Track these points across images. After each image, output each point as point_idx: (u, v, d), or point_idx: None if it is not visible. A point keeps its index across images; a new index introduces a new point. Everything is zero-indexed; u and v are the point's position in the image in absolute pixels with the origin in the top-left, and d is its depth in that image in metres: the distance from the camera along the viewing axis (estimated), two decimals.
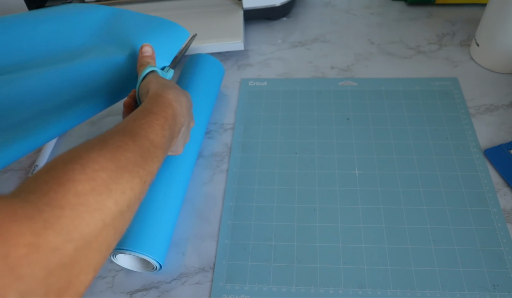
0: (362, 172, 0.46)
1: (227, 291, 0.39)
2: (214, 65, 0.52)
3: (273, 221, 0.43)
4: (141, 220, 0.38)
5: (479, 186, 0.43)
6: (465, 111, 0.50)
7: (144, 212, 0.39)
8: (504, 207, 0.42)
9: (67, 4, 0.48)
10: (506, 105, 0.51)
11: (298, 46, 0.61)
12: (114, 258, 0.39)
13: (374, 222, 0.42)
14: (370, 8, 0.66)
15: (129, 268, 0.40)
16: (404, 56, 0.58)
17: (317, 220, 0.42)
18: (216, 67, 0.52)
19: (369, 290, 0.38)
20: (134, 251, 0.37)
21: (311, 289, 0.38)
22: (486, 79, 0.54)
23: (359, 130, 0.50)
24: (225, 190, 0.46)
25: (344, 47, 0.60)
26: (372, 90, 0.54)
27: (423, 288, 0.37)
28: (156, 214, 0.39)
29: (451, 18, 0.63)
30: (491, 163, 0.45)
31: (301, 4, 0.68)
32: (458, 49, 0.58)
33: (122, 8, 0.64)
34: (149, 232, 0.38)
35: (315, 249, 0.41)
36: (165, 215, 0.40)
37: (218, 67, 0.53)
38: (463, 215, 0.42)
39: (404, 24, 0.63)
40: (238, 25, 0.59)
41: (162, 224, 0.39)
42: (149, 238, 0.38)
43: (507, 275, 0.38)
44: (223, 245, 0.42)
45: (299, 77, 0.57)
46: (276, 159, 0.48)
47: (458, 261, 0.39)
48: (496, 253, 0.39)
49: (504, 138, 0.47)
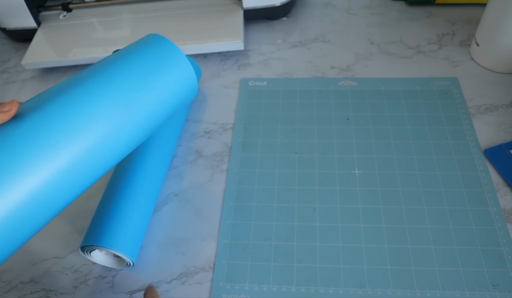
0: (362, 172, 0.46)
1: (227, 290, 0.39)
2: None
3: (273, 221, 0.43)
4: (108, 214, 0.39)
5: (479, 186, 0.44)
6: (465, 111, 0.50)
7: (111, 204, 0.39)
8: (504, 207, 0.42)
9: None
10: (506, 105, 0.51)
11: (298, 46, 0.61)
12: (88, 254, 0.39)
13: (374, 222, 0.42)
14: (370, 8, 0.66)
15: (104, 264, 0.40)
16: (404, 56, 0.58)
17: (317, 220, 0.42)
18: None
19: (369, 289, 0.38)
20: (104, 247, 0.37)
21: (311, 288, 0.38)
22: (486, 79, 0.54)
23: (359, 130, 0.50)
24: (225, 190, 0.46)
25: (344, 47, 0.60)
26: (372, 90, 0.54)
27: (423, 288, 0.37)
28: (123, 206, 0.39)
29: (451, 18, 0.63)
30: (491, 163, 0.45)
31: (301, 4, 0.68)
32: (458, 49, 0.58)
33: (122, 8, 0.65)
34: (116, 226, 0.38)
35: (315, 249, 0.41)
36: (133, 206, 0.40)
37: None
38: (463, 215, 0.42)
39: (404, 24, 0.63)
40: (238, 25, 0.59)
41: (132, 216, 0.39)
42: (116, 232, 0.38)
43: (507, 275, 0.38)
44: (223, 245, 0.42)
45: (299, 77, 0.57)
46: (276, 159, 0.48)
47: (458, 261, 0.39)
48: (496, 253, 0.39)
49: (504, 138, 0.47)
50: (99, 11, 0.65)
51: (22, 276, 0.41)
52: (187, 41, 0.58)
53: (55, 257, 0.42)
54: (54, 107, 0.30)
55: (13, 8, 0.60)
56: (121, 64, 0.34)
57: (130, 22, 0.62)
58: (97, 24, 0.63)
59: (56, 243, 0.43)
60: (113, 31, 0.61)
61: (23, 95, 0.59)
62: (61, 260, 0.42)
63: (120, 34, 0.61)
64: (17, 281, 0.41)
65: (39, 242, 0.44)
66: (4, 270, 0.42)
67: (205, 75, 0.58)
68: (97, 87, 0.32)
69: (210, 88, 0.57)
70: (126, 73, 0.33)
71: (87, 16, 0.64)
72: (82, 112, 0.30)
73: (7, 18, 0.61)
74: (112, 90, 0.32)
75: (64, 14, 0.65)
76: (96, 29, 0.62)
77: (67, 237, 0.44)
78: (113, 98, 0.32)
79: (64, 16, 0.65)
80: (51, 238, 0.44)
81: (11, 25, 0.62)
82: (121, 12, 0.64)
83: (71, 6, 0.65)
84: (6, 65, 0.64)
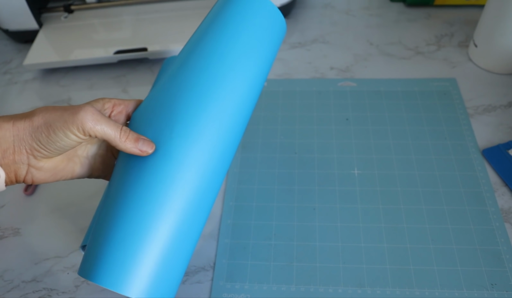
0: (361, 172, 0.46)
1: (227, 290, 0.39)
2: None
3: (273, 220, 0.43)
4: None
5: (477, 186, 0.44)
6: (464, 112, 0.51)
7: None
8: (502, 206, 0.42)
9: None
10: (504, 105, 0.51)
11: (298, 47, 0.62)
12: None
13: (373, 221, 0.42)
14: (369, 9, 0.67)
15: None
16: (403, 57, 0.58)
17: (316, 220, 0.43)
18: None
19: (368, 289, 0.38)
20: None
21: (310, 288, 0.38)
22: (484, 79, 0.54)
23: (358, 130, 0.50)
24: (225, 190, 0.46)
25: (344, 48, 0.61)
26: (371, 91, 0.54)
27: (422, 287, 0.38)
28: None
29: (449, 19, 0.63)
30: (489, 163, 0.45)
31: (301, 5, 0.68)
32: (457, 50, 0.58)
33: (123, 9, 0.65)
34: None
35: (315, 248, 0.41)
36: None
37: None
38: (462, 214, 0.42)
39: (403, 25, 0.63)
40: None
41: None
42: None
43: (504, 274, 0.38)
44: (223, 244, 0.42)
45: (298, 78, 0.57)
46: (276, 159, 0.48)
47: (456, 260, 0.39)
48: (494, 252, 0.39)
49: (502, 138, 0.48)
50: (100, 13, 0.65)
51: (24, 275, 0.42)
52: None
53: (56, 256, 0.43)
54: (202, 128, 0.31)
55: (15, 10, 0.60)
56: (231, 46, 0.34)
57: (131, 23, 0.63)
58: (98, 25, 0.63)
59: (58, 242, 0.44)
60: (114, 32, 0.62)
61: (25, 96, 0.59)
62: (62, 260, 0.42)
63: (121, 35, 0.61)
64: (19, 280, 0.41)
65: (40, 241, 0.44)
66: (6, 269, 0.42)
67: None
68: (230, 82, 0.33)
69: None
70: (244, 54, 0.34)
71: (88, 18, 0.65)
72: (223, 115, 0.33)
73: (10, 19, 0.62)
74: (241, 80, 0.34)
75: (66, 15, 0.65)
76: (97, 30, 0.63)
77: (68, 237, 0.44)
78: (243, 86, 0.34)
79: (66, 17, 0.65)
80: (53, 238, 0.44)
81: (13, 27, 0.63)
82: (122, 14, 0.65)
83: (73, 8, 0.66)
84: (8, 66, 0.64)
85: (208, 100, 0.32)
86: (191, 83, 0.32)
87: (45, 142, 0.29)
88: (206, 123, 0.31)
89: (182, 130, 0.31)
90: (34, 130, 0.29)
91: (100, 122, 0.29)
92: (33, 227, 0.45)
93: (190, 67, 0.33)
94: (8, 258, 0.43)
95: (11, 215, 0.46)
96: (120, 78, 0.60)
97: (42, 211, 0.46)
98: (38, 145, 0.29)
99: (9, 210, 0.47)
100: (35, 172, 0.31)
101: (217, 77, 0.33)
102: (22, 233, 0.45)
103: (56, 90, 0.60)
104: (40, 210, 0.46)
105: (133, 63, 0.62)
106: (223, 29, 0.34)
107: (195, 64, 0.33)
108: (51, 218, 0.46)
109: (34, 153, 0.30)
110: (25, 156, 0.29)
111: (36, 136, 0.29)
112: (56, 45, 0.61)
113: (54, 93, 0.59)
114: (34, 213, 0.46)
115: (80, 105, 0.30)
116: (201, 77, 0.32)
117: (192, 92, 0.32)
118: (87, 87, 0.60)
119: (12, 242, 0.44)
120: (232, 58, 0.33)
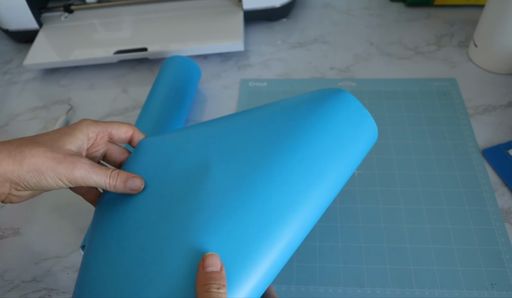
0: (361, 172, 0.46)
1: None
2: (186, 65, 0.52)
3: None
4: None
5: (477, 186, 0.44)
6: (464, 112, 0.51)
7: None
8: (502, 206, 0.42)
9: None
10: (504, 105, 0.51)
11: (298, 47, 0.62)
12: None
13: (373, 221, 0.42)
14: (369, 9, 0.67)
15: None
16: (403, 57, 0.58)
17: None
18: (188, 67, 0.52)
19: (368, 289, 0.38)
20: None
21: (310, 287, 0.39)
22: (484, 79, 0.54)
23: None
24: None
25: (344, 48, 0.61)
26: (371, 91, 0.54)
27: (422, 287, 0.38)
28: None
29: (449, 19, 0.63)
30: (489, 163, 0.45)
31: (301, 5, 0.68)
32: (457, 50, 0.58)
33: (123, 9, 0.65)
34: None
35: (315, 248, 0.41)
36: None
37: (191, 67, 0.53)
38: (462, 214, 0.42)
39: (403, 25, 0.63)
40: (238, 26, 0.60)
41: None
42: None
43: (504, 274, 0.38)
44: None
45: (298, 78, 0.57)
46: None
47: (456, 260, 0.39)
48: (494, 252, 0.39)
49: (502, 138, 0.48)
50: (100, 13, 0.65)
51: (24, 275, 0.42)
52: (187, 42, 0.58)
53: (56, 256, 0.43)
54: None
55: (15, 10, 0.60)
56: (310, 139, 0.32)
57: (131, 23, 0.63)
58: (98, 25, 0.63)
59: (58, 242, 0.44)
60: (114, 32, 0.62)
61: (25, 96, 0.59)
62: (62, 260, 0.42)
63: (121, 35, 0.61)
64: (19, 280, 0.41)
65: (40, 241, 0.44)
66: (6, 269, 0.42)
67: (205, 75, 0.59)
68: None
69: (211, 89, 0.57)
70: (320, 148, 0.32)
71: (88, 17, 0.65)
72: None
73: (10, 19, 0.62)
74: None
75: (66, 15, 0.66)
76: (97, 30, 0.63)
77: (68, 237, 0.44)
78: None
79: (66, 17, 0.65)
80: (53, 238, 0.44)
81: (13, 27, 0.63)
82: (122, 14, 0.65)
83: (73, 8, 0.66)
84: (8, 66, 0.64)
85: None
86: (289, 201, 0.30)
87: (33, 184, 0.29)
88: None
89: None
90: (24, 173, 0.28)
91: (91, 173, 0.30)
92: (33, 227, 0.45)
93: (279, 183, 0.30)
94: (8, 258, 0.43)
95: (11, 215, 0.46)
96: (120, 78, 0.60)
97: (42, 211, 0.46)
98: (25, 185, 0.29)
99: (9, 210, 0.47)
100: (15, 198, 0.30)
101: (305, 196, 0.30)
102: (22, 233, 0.45)
103: (56, 90, 0.60)
104: (40, 210, 0.46)
105: (133, 63, 0.62)
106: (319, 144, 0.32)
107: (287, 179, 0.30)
108: (51, 218, 0.46)
109: (17, 188, 0.29)
110: (7, 189, 0.29)
111: (25, 179, 0.29)
112: (56, 45, 0.61)
113: (54, 93, 0.59)
114: (34, 213, 0.46)
115: (73, 157, 0.30)
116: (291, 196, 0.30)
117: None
118: (87, 87, 0.60)
119: (12, 242, 0.44)
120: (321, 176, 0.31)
